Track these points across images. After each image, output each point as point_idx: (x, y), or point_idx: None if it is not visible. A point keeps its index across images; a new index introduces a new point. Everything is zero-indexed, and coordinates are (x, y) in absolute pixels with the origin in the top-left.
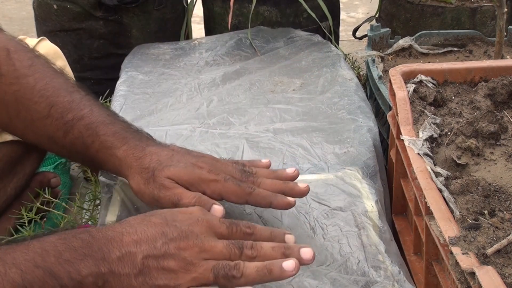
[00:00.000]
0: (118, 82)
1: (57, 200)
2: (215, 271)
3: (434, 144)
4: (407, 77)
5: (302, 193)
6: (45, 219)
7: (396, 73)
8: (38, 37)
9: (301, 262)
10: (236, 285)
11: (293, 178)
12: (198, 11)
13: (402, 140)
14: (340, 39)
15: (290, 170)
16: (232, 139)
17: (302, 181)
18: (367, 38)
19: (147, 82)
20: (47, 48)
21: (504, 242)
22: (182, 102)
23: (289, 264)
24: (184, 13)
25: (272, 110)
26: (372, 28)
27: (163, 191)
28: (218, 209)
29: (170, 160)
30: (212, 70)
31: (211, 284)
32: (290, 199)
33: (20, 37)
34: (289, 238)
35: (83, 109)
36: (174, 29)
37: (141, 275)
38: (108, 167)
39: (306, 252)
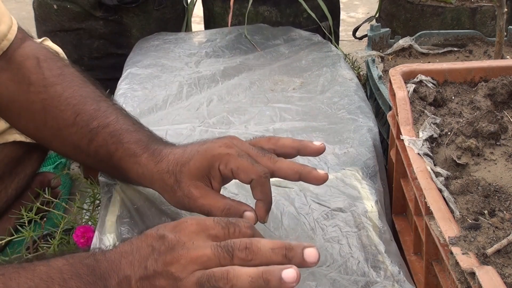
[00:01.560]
0: (120, 80)
1: (57, 200)
2: (200, 284)
3: (434, 144)
4: (407, 77)
5: (319, 180)
6: (45, 219)
7: (396, 73)
8: (38, 37)
9: (304, 265)
10: None
11: (319, 152)
12: (198, 11)
13: (402, 140)
14: (340, 39)
15: (317, 143)
16: None
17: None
18: (367, 38)
19: (146, 77)
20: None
21: (504, 242)
22: (182, 99)
23: (289, 274)
24: (184, 13)
25: (272, 109)
26: (372, 28)
27: (193, 202)
28: (249, 216)
29: (184, 155)
30: (212, 62)
31: None
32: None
33: None
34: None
35: (109, 117)
36: (174, 29)
37: None
38: (132, 176)
39: (310, 255)
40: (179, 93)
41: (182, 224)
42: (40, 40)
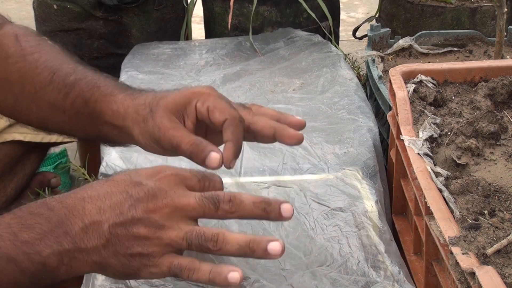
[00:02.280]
0: (120, 79)
1: None
2: (187, 239)
3: (434, 144)
4: (407, 77)
5: (292, 139)
6: None
7: (396, 73)
8: None
9: (281, 219)
10: (213, 254)
11: (299, 127)
12: (198, 11)
13: (402, 140)
14: (340, 39)
15: (298, 118)
16: None
17: (302, 181)
18: (367, 38)
19: (147, 83)
20: None
21: (504, 242)
22: None
23: (275, 246)
24: (184, 13)
25: None
26: (372, 28)
27: (163, 133)
28: (214, 156)
29: (165, 92)
30: (212, 70)
31: (186, 249)
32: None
33: None
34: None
35: (86, 73)
36: (174, 29)
37: (110, 245)
38: (106, 117)
39: (286, 210)
40: None
41: (161, 173)
42: None
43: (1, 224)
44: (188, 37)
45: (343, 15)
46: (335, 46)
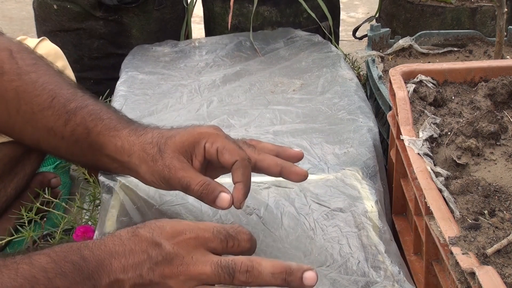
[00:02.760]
0: (118, 82)
1: (57, 200)
2: None
3: (434, 144)
4: (407, 77)
5: (299, 176)
6: (45, 219)
7: (396, 73)
8: (38, 37)
9: None
10: None
11: (298, 158)
12: (198, 11)
13: (402, 140)
14: (340, 39)
15: (296, 149)
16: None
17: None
18: (367, 38)
19: (147, 83)
20: (48, 48)
21: (504, 242)
22: (183, 103)
23: (310, 275)
24: (184, 13)
25: (272, 112)
26: (372, 28)
27: (173, 173)
28: (225, 197)
29: (171, 131)
30: (213, 71)
31: None
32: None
33: (20, 37)
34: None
35: (87, 100)
36: (174, 29)
37: None
38: (108, 151)
39: (309, 278)
40: (179, 98)
41: (181, 236)
42: (38, 40)
43: (37, 267)
44: (188, 37)
45: (343, 15)
46: (335, 46)
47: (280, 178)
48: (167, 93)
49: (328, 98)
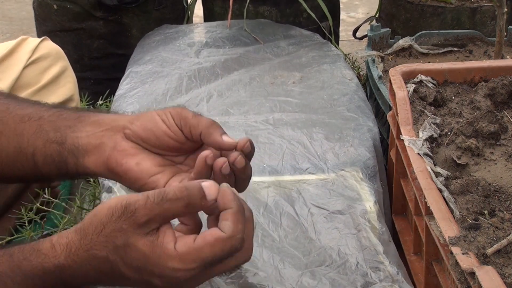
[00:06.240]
0: (122, 79)
1: (57, 200)
2: None
3: (434, 144)
4: (407, 77)
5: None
6: (45, 219)
7: (396, 73)
8: (38, 37)
9: None
10: None
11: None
12: (198, 11)
13: (402, 140)
14: (340, 39)
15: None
16: (232, 131)
17: (302, 181)
18: (367, 38)
19: (146, 73)
20: (49, 48)
21: (504, 242)
22: (182, 92)
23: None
24: (184, 13)
25: (272, 102)
26: (372, 28)
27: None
28: (209, 186)
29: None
30: (212, 52)
31: None
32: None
33: (21, 37)
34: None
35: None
36: None
37: None
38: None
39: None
40: (178, 86)
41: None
42: (39, 39)
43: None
44: None
45: (343, 15)
46: (335, 46)
47: (280, 178)
48: (166, 78)
49: (328, 94)
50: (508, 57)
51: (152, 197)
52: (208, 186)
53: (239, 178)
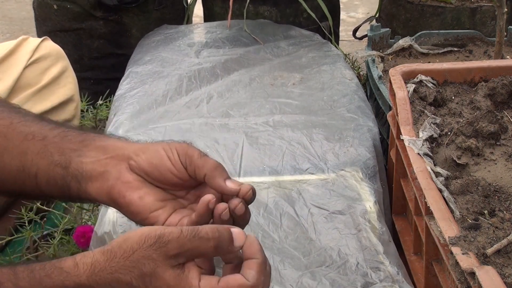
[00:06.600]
0: (121, 80)
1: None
2: None
3: (434, 144)
4: (407, 77)
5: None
6: (45, 219)
7: (396, 73)
8: (38, 37)
9: None
10: None
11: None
12: (198, 11)
13: (402, 140)
14: (340, 39)
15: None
16: (232, 133)
17: (302, 181)
18: (367, 38)
19: (146, 73)
20: (50, 48)
21: (504, 242)
22: (182, 93)
23: None
24: (184, 13)
25: (272, 103)
26: (372, 28)
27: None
28: (238, 233)
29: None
30: (212, 52)
31: None
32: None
33: (22, 37)
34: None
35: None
36: None
37: None
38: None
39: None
40: (178, 87)
41: None
42: (40, 39)
43: None
44: None
45: (343, 15)
46: (335, 46)
47: (280, 178)
48: (166, 79)
49: (328, 95)
50: (508, 57)
51: (185, 232)
52: (237, 232)
53: (237, 223)
